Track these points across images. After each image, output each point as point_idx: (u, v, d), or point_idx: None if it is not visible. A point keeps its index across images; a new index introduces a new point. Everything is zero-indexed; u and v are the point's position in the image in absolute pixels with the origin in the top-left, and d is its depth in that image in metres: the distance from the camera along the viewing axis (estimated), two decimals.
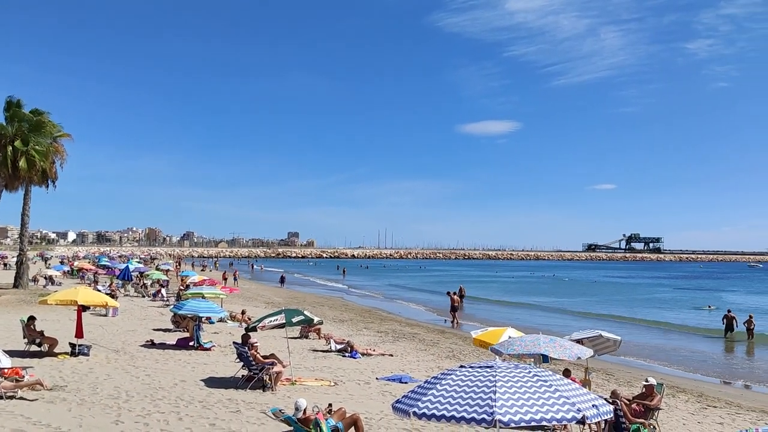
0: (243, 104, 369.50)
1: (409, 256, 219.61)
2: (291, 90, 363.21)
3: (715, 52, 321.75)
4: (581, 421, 5.74)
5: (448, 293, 37.24)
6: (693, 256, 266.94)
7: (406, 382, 15.64)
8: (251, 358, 14.38)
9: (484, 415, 5.41)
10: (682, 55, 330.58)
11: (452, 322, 34.27)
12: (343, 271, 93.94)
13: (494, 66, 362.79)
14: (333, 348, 20.68)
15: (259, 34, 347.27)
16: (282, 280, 61.64)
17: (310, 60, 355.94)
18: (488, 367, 6.14)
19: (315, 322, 16.86)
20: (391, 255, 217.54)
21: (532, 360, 13.05)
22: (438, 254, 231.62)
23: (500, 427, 5.60)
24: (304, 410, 9.66)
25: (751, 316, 31.38)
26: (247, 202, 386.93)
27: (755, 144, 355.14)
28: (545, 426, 11.75)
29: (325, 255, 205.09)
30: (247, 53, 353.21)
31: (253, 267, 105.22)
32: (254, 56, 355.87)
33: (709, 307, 48.02)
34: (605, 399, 11.30)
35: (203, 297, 24.49)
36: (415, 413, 5.81)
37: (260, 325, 15.36)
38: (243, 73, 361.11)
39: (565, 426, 11.84)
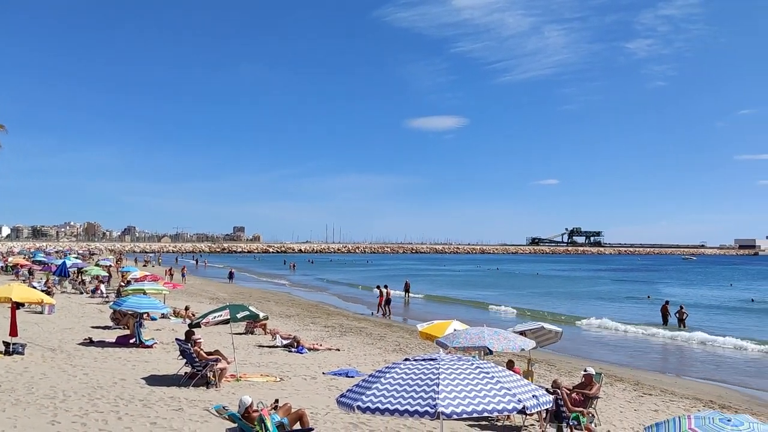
0: (191, 96, 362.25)
1: (357, 250, 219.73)
2: (239, 83, 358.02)
3: (653, 51, 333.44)
4: (522, 411, 5.86)
5: (378, 287, 37.49)
6: (631, 249, 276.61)
7: (352, 376, 15.65)
8: (194, 355, 14.11)
9: (427, 408, 5.46)
10: (622, 54, 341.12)
11: (383, 314, 34.76)
12: (292, 266, 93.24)
13: (442, 62, 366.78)
14: (279, 343, 20.53)
15: (209, 25, 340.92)
16: (231, 275, 60.66)
17: (259, 53, 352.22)
18: (432, 359, 6.20)
19: (260, 317, 16.69)
20: (339, 249, 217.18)
21: (476, 353, 13.26)
22: (386, 248, 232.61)
23: (443, 419, 5.66)
24: (249, 407, 9.55)
25: (682, 307, 32.80)
26: (193, 196, 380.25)
27: (690, 142, 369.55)
28: (489, 416, 11.98)
29: (271, 250, 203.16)
30: (196, 45, 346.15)
31: (197, 262, 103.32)
32: (203, 48, 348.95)
33: (648, 297, 49.81)
34: (546, 389, 11.59)
35: (144, 293, 23.88)
36: (359, 407, 5.81)
37: (204, 321, 15.11)
38: (191, 64, 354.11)
39: (508, 416, 12.11)
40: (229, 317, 15.05)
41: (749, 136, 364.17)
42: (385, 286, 36.35)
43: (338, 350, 20.60)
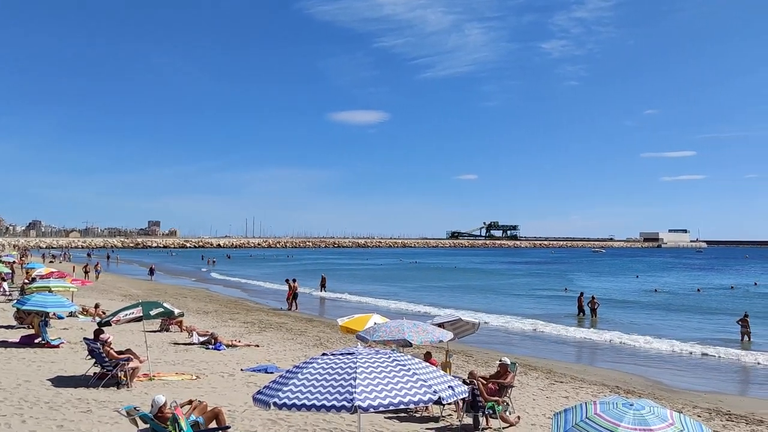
0: (101, 85, 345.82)
1: (277, 245, 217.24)
2: (156, 73, 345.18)
3: (567, 52, 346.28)
4: (438, 402, 5.94)
5: (287, 280, 37.32)
6: (546, 242, 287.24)
7: (272, 372, 15.46)
8: (104, 354, 13.55)
9: (344, 402, 5.45)
10: (538, 54, 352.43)
11: (289, 308, 34.77)
12: (211, 262, 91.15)
13: (364, 56, 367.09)
14: (196, 340, 20.02)
15: (123, 12, 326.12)
16: (151, 271, 58.37)
17: (177, 44, 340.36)
18: (349, 354, 6.19)
19: (175, 314, 16.22)
20: (259, 244, 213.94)
21: (394, 345, 13.37)
22: (307, 243, 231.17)
23: (361, 413, 5.67)
24: (162, 406, 9.25)
25: (593, 298, 34.35)
26: (104, 189, 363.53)
27: (600, 140, 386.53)
28: (407, 408, 12.11)
29: (188, 245, 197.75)
30: (109, 33, 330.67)
31: (108, 258, 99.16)
32: (118, 35, 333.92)
33: (566, 290, 51.85)
34: (463, 379, 11.84)
35: (50, 290, 22.69)
36: (275, 404, 5.73)
37: (114, 318, 14.53)
38: (102, 52, 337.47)
39: (427, 407, 12.29)
40: (141, 314, 14.54)
41: (654, 135, 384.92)
42: (294, 280, 36.15)
43: (257, 346, 20.30)
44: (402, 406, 5.72)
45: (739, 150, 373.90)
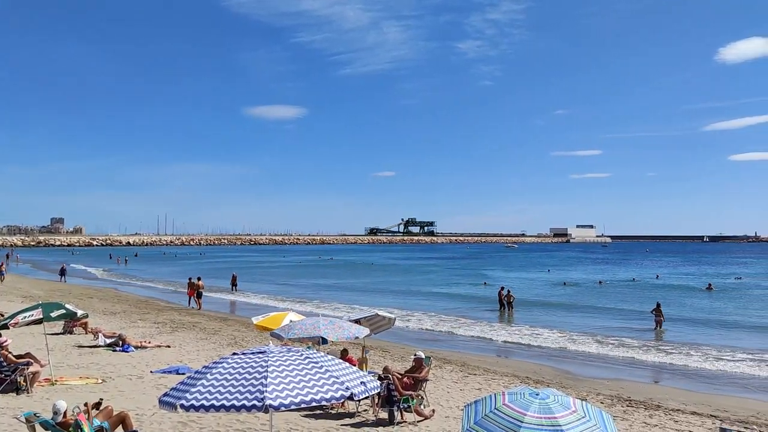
0: (2, 75, 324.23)
1: (191, 242, 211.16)
2: (63, 62, 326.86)
3: (482, 52, 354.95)
4: (351, 398, 5.94)
5: (190, 279, 36.56)
6: (461, 238, 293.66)
7: (183, 373, 15.01)
8: (1, 359, 12.77)
9: (255, 402, 5.36)
10: (454, 53, 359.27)
11: (190, 305, 34.36)
12: (121, 261, 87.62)
13: (282, 51, 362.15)
14: (102, 342, 19.20)
15: (23, 3, 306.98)
16: (63, 271, 55.16)
17: (86, 30, 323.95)
18: (260, 352, 6.09)
19: (79, 315, 15.45)
20: (171, 242, 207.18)
21: (310, 343, 13.30)
22: (222, 240, 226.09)
23: (272, 412, 5.59)
24: (65, 412, 8.81)
25: (509, 291, 35.50)
26: (2, 184, 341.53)
27: (513, 138, 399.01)
28: (323, 405, 12.06)
29: (95, 243, 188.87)
30: (12, 21, 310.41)
31: (8, 257, 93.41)
32: (20, 25, 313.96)
33: (485, 284, 53.23)
34: (378, 375, 11.93)
35: None
36: (182, 405, 5.56)
37: (12, 321, 13.69)
38: (5, 42, 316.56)
39: (342, 404, 12.30)
40: (42, 316, 13.77)
41: (563, 134, 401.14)
42: (198, 278, 35.38)
43: (168, 347, 19.67)
44: (314, 404, 5.68)
45: (640, 150, 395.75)
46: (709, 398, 15.65)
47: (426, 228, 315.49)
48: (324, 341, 12.63)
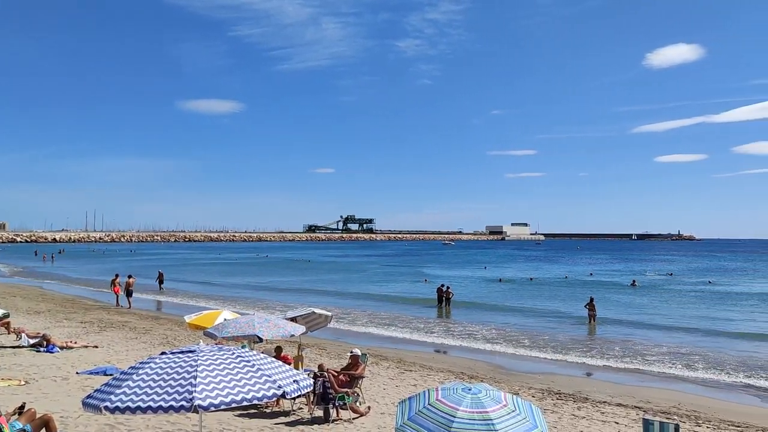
0: None
1: (122, 239, 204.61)
2: None
3: (421, 52, 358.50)
4: (284, 397, 5.87)
5: (116, 275, 35.63)
6: (400, 235, 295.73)
7: (111, 374, 14.52)
8: None
9: (183, 402, 5.22)
10: (393, 51, 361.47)
11: (117, 304, 33.44)
12: (47, 258, 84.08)
13: (220, 44, 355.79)
14: (25, 343, 18.37)
15: None
16: None
17: (8, 20, 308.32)
18: (190, 351, 5.94)
19: (0, 314, 14.74)
20: (101, 238, 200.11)
21: (245, 341, 13.10)
22: (155, 237, 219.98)
23: (202, 412, 5.46)
24: None
25: (448, 287, 36.02)
26: None
27: (451, 137, 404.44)
28: (257, 404, 11.90)
29: (19, 239, 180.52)
30: None
31: None
32: None
33: (426, 281, 53.69)
34: (314, 372, 11.86)
35: None
36: (107, 408, 5.36)
37: None
38: None
39: (277, 402, 12.17)
40: None
41: (499, 134, 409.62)
42: (129, 276, 34.43)
43: (96, 347, 18.98)
44: (245, 403, 5.58)
45: (573, 150, 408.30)
46: (634, 390, 16.28)
47: (365, 225, 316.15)
48: (259, 339, 12.46)
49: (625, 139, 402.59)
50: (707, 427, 12.47)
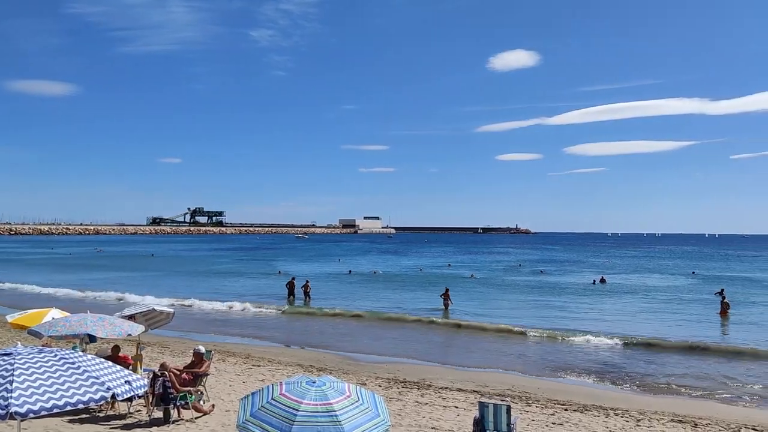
0: None
1: None
2: None
3: (274, 42, 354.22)
4: (114, 398, 5.51)
5: None
6: (252, 228, 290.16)
7: None
8: None
9: None
10: (246, 41, 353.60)
11: None
12: None
13: (54, 22, 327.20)
14: None
15: None
16: None
17: None
18: (6, 354, 5.39)
19: None
20: None
21: (77, 341, 12.20)
22: None
23: (20, 420, 4.98)
24: None
25: (307, 281, 35.95)
26: None
27: (305, 131, 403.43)
28: (90, 407, 11.13)
29: None
30: None
31: None
32: None
33: (279, 273, 53.08)
34: (154, 372, 11.29)
35: None
36: None
37: None
38: None
39: (112, 405, 11.46)
40: None
41: (352, 128, 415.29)
42: None
43: None
44: (70, 407, 5.15)
45: (423, 147, 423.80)
46: (473, 375, 17.22)
47: (214, 218, 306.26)
48: (92, 339, 11.65)
49: (469, 137, 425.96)
50: (537, 406, 13.48)
